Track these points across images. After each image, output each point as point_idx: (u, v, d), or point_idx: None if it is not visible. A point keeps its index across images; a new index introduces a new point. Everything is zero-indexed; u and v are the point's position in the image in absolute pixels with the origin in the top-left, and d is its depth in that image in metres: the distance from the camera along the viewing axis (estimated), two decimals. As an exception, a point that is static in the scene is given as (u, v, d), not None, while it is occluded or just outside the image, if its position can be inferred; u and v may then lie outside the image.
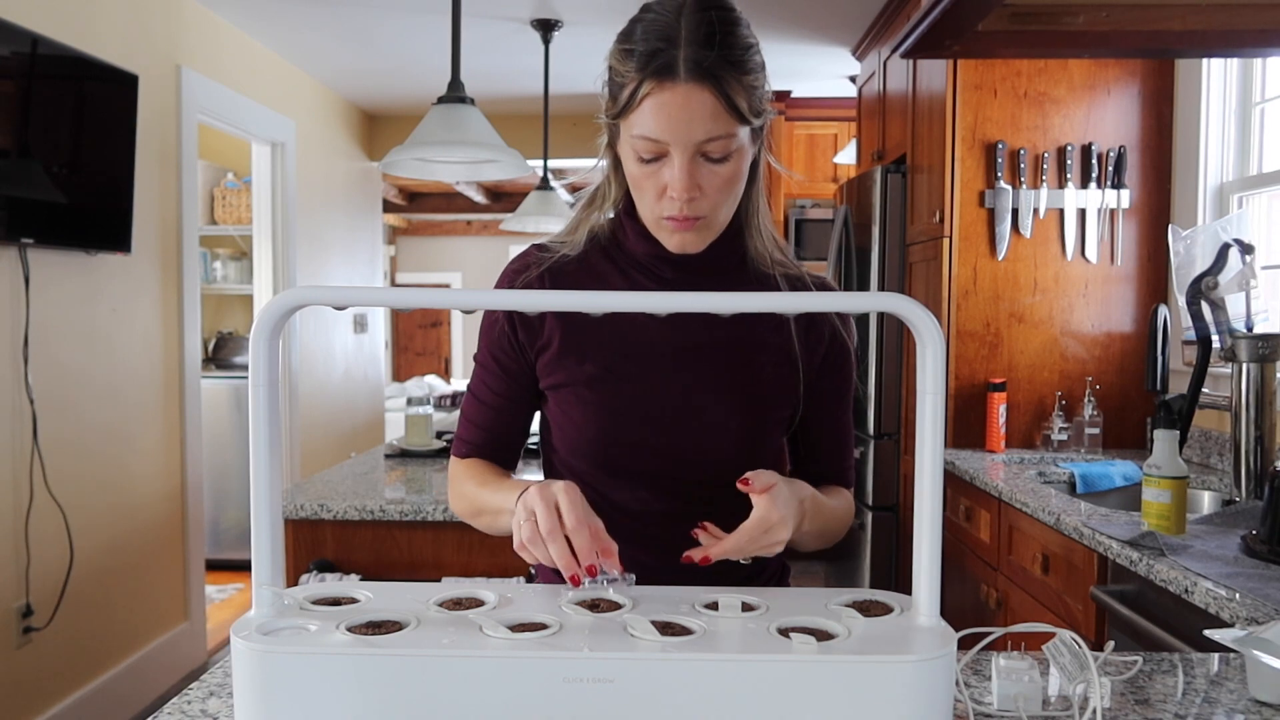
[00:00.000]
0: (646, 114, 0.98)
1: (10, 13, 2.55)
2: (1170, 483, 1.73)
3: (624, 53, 0.99)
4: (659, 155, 1.00)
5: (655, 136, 0.98)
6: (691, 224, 1.04)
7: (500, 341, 1.14)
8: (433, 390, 8.42)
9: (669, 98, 0.97)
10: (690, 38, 0.96)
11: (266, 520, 0.81)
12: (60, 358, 2.89)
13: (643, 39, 0.98)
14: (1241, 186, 2.59)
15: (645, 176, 1.02)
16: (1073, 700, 0.93)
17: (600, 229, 1.15)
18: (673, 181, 1.00)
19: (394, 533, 2.19)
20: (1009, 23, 1.69)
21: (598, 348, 1.10)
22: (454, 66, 2.44)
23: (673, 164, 0.99)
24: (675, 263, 1.10)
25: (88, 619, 3.01)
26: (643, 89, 0.97)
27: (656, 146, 0.99)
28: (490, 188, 8.68)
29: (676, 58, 0.96)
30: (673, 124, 0.97)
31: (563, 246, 1.15)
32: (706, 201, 1.02)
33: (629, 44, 0.99)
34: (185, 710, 0.92)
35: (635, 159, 1.02)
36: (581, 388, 1.10)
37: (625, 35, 1.01)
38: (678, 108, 0.97)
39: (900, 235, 3.31)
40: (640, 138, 0.99)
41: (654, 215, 1.06)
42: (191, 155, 3.59)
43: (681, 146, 0.98)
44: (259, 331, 0.78)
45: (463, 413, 1.20)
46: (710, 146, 0.99)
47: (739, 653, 0.76)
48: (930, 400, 0.80)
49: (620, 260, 1.13)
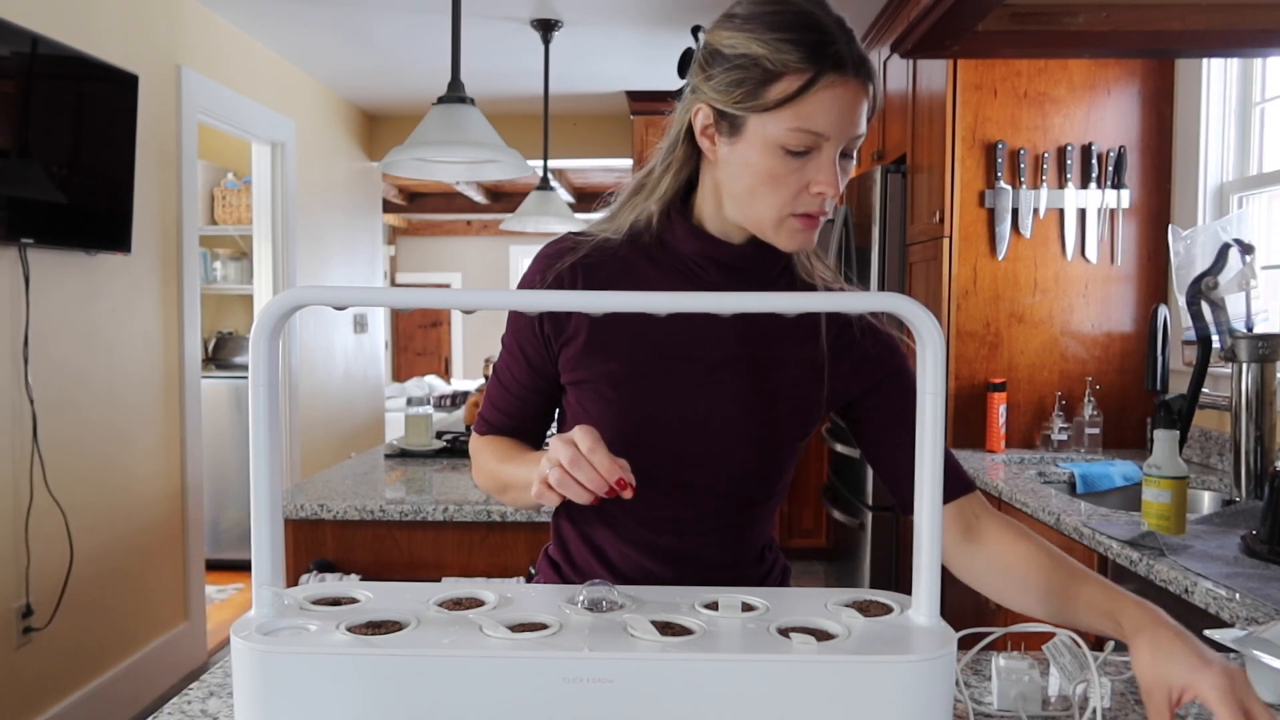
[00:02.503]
0: (814, 106, 0.95)
1: (10, 13, 2.55)
2: (1170, 483, 1.73)
3: (777, 42, 0.95)
4: (810, 149, 0.97)
5: (819, 130, 0.95)
6: (816, 222, 1.02)
7: (525, 330, 1.11)
8: (433, 390, 8.42)
9: (842, 91, 0.95)
10: (845, 36, 0.96)
11: (266, 520, 0.81)
12: (60, 358, 2.89)
13: (796, 28, 0.95)
14: (1241, 186, 2.59)
15: (788, 171, 0.98)
16: (1073, 700, 0.93)
17: (643, 223, 1.10)
18: (824, 176, 0.97)
19: (394, 533, 2.19)
20: (1009, 23, 1.69)
21: (625, 346, 1.07)
22: (454, 66, 2.44)
23: (822, 159, 0.97)
24: (722, 265, 1.07)
25: (88, 619, 3.01)
26: (819, 81, 0.94)
27: (814, 139, 0.96)
28: (490, 188, 8.68)
29: (843, 53, 0.94)
30: (840, 118, 0.95)
31: (602, 232, 1.10)
32: (834, 199, 1.00)
33: (778, 33, 0.95)
34: (185, 710, 0.92)
35: (780, 153, 0.97)
36: (604, 385, 1.07)
37: (764, 22, 0.96)
38: (849, 102, 0.95)
39: (900, 235, 3.31)
40: (799, 129, 0.95)
41: (781, 213, 1.01)
42: (191, 155, 3.58)
43: (839, 140, 0.97)
44: (259, 331, 0.78)
45: (487, 390, 1.18)
46: (853, 144, 0.99)
47: (739, 653, 0.76)
48: (930, 400, 0.80)
49: (661, 258, 1.09)
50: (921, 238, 3.11)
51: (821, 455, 4.39)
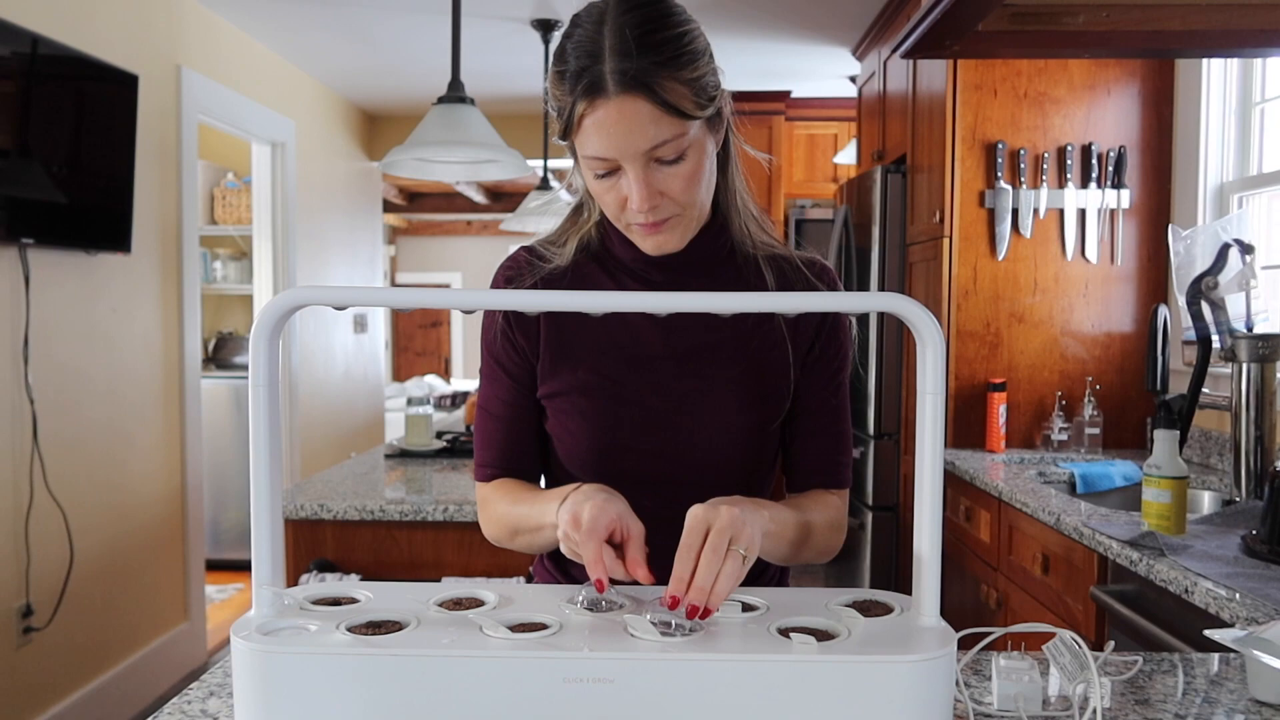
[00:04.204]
0: (588, 134, 0.96)
1: (10, 13, 2.55)
2: (1170, 483, 1.73)
3: (557, 75, 0.98)
4: (611, 170, 0.99)
5: (601, 154, 0.97)
6: (662, 225, 1.03)
7: (501, 345, 1.12)
8: (433, 390, 8.42)
9: (603, 115, 0.95)
10: (615, 48, 0.94)
11: (266, 520, 0.81)
12: (60, 358, 2.89)
13: (572, 57, 0.96)
14: (1241, 186, 2.59)
15: (605, 191, 1.01)
16: (1073, 700, 0.93)
17: (589, 238, 1.13)
18: (630, 194, 0.99)
19: (394, 533, 2.19)
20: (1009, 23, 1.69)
21: (591, 355, 1.09)
22: (454, 66, 2.44)
23: (626, 178, 0.98)
24: (661, 264, 1.09)
25: (88, 619, 3.01)
26: (577, 110, 0.96)
27: (606, 163, 0.98)
28: (490, 188, 8.68)
29: (603, 73, 0.94)
30: (614, 140, 0.95)
31: (553, 257, 1.13)
32: (672, 203, 1.01)
33: (561, 65, 0.98)
34: (185, 710, 0.92)
35: (592, 176, 1.01)
36: (577, 396, 1.09)
37: (558, 56, 0.99)
38: (614, 123, 0.95)
39: (900, 235, 3.31)
40: (589, 157, 0.98)
41: (623, 224, 1.05)
42: (191, 155, 3.58)
43: (629, 159, 0.97)
44: (259, 331, 0.78)
45: (476, 433, 1.17)
46: (660, 151, 0.97)
47: (739, 653, 0.76)
48: (930, 400, 0.80)
49: (609, 266, 1.12)
50: (921, 238, 3.11)
51: (821, 455, 4.38)
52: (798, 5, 3.59)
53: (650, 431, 1.08)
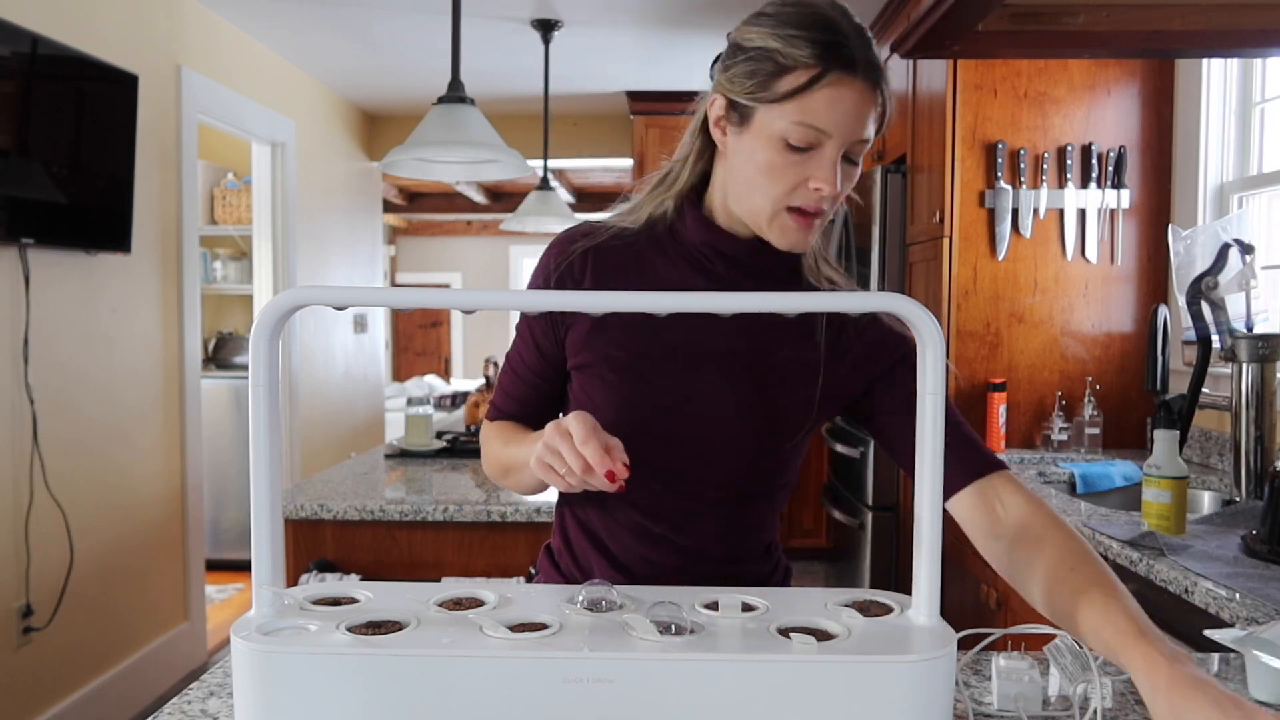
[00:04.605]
0: (819, 102, 0.96)
1: (10, 13, 2.55)
2: (1170, 483, 1.73)
3: (792, 37, 0.97)
4: (812, 145, 0.98)
5: (822, 126, 0.97)
6: (812, 221, 1.03)
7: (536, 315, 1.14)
8: (433, 390, 8.42)
9: (847, 91, 0.96)
10: (859, 39, 0.97)
11: (266, 520, 0.81)
12: (60, 358, 2.89)
13: (812, 27, 0.97)
14: (1241, 186, 2.59)
15: (788, 165, 0.99)
16: (1073, 701, 0.93)
17: (659, 213, 1.12)
18: (822, 174, 0.99)
19: (394, 533, 2.19)
20: (1009, 23, 1.69)
21: (626, 331, 1.09)
22: (454, 66, 2.43)
23: (823, 156, 0.98)
24: (728, 258, 1.09)
25: (88, 619, 3.01)
26: (826, 78, 0.96)
27: (816, 136, 0.98)
28: (490, 188, 8.67)
29: (854, 54, 0.96)
30: (844, 117, 0.97)
31: (620, 221, 1.13)
32: (834, 200, 1.02)
33: (793, 29, 0.97)
34: (185, 710, 0.92)
35: (781, 145, 0.99)
36: (605, 369, 1.09)
37: (782, 19, 0.98)
38: (853, 103, 0.97)
39: (900, 235, 3.31)
40: (801, 124, 0.97)
41: (776, 206, 1.02)
42: (191, 155, 3.58)
43: (841, 141, 0.98)
44: (259, 331, 0.78)
45: (500, 377, 1.20)
46: (857, 147, 1.00)
47: (739, 653, 0.76)
48: (930, 400, 0.80)
49: (671, 248, 1.11)
50: (921, 238, 3.11)
51: (821, 455, 4.38)
52: (798, 5, 3.59)
53: (669, 419, 1.09)
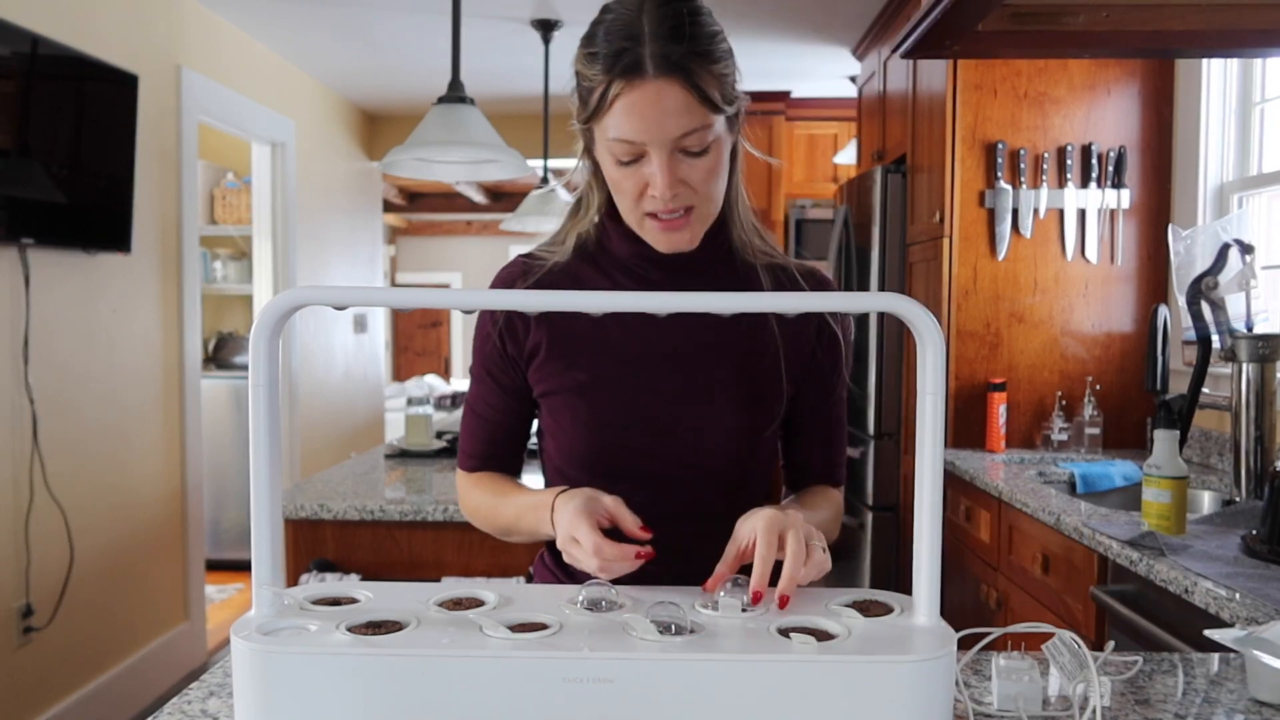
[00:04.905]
0: (619, 115, 0.96)
1: (10, 13, 2.55)
2: (1170, 483, 1.73)
3: (589, 56, 0.98)
4: (637, 156, 0.99)
5: (630, 138, 0.97)
6: (679, 223, 1.03)
7: (491, 356, 1.14)
8: (433, 390, 8.42)
9: (639, 96, 0.95)
10: (654, 32, 0.95)
11: (266, 520, 0.81)
12: (60, 358, 2.89)
13: (606, 40, 0.97)
14: (1241, 186, 2.59)
15: (625, 178, 1.01)
16: (1073, 700, 0.93)
17: (587, 236, 1.14)
18: (654, 180, 0.99)
19: (394, 533, 2.19)
20: (1009, 23, 1.69)
21: (586, 354, 1.09)
22: (454, 66, 2.43)
23: (651, 163, 0.98)
24: (660, 262, 1.09)
25: (88, 619, 3.01)
26: (612, 90, 0.96)
27: (633, 148, 0.98)
28: (490, 188, 8.68)
29: (642, 55, 0.94)
30: (646, 123, 0.96)
31: (551, 255, 1.14)
32: (692, 195, 1.01)
33: (593, 47, 0.98)
34: (185, 710, 0.92)
35: (613, 162, 1.00)
36: (571, 395, 1.10)
37: (588, 39, 0.99)
38: (649, 105, 0.95)
39: (900, 235, 3.31)
40: (616, 140, 0.98)
41: (638, 215, 1.04)
42: (191, 155, 3.58)
43: (658, 144, 0.97)
44: (259, 331, 0.78)
45: (464, 424, 1.20)
46: (687, 141, 0.97)
47: (739, 653, 0.76)
48: (930, 400, 0.80)
49: (604, 264, 1.12)
50: (921, 238, 3.11)
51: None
52: (798, 5, 3.59)
53: (644, 431, 1.09)
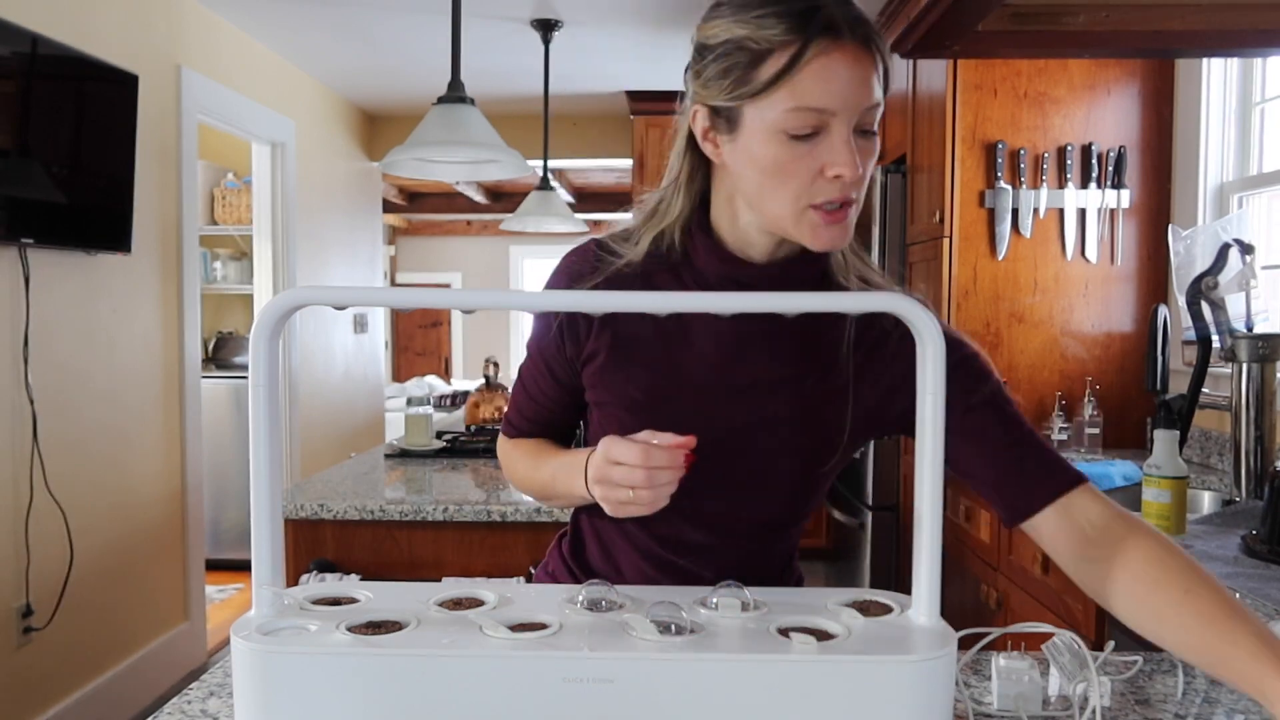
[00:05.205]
0: (810, 80, 0.85)
1: (10, 13, 2.55)
2: (1170, 483, 1.73)
3: (759, 19, 0.86)
4: (817, 129, 0.87)
5: (820, 105, 0.86)
6: (844, 214, 0.91)
7: (550, 347, 1.06)
8: (433, 390, 8.41)
9: (839, 59, 0.85)
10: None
11: (266, 520, 0.81)
12: (60, 358, 2.89)
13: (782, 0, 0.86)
14: (1241, 186, 2.59)
15: (796, 158, 0.88)
16: (1073, 700, 0.93)
17: (669, 240, 1.01)
18: (837, 157, 0.87)
19: (394, 533, 2.19)
20: (1009, 23, 1.69)
21: (644, 369, 1.01)
22: (454, 66, 2.43)
23: (833, 139, 0.87)
24: (745, 286, 0.98)
25: (88, 619, 3.01)
26: (809, 50, 0.85)
27: (818, 118, 0.86)
28: (490, 188, 8.67)
29: (836, 16, 0.85)
30: (844, 88, 0.86)
31: (624, 253, 1.02)
32: (859, 184, 0.90)
33: (758, 9, 0.87)
34: (185, 710, 0.92)
35: (782, 139, 0.88)
36: (621, 410, 1.02)
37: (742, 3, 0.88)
38: (848, 68, 0.86)
39: (900, 235, 3.31)
40: (798, 109, 0.86)
41: (799, 206, 0.91)
42: (191, 155, 3.58)
43: (848, 115, 0.87)
44: (259, 331, 0.78)
45: (513, 394, 1.13)
46: (867, 117, 0.89)
47: (739, 653, 0.76)
48: (930, 400, 0.80)
49: (686, 277, 1.01)
50: (921, 238, 3.11)
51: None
52: (798, 5, 3.59)
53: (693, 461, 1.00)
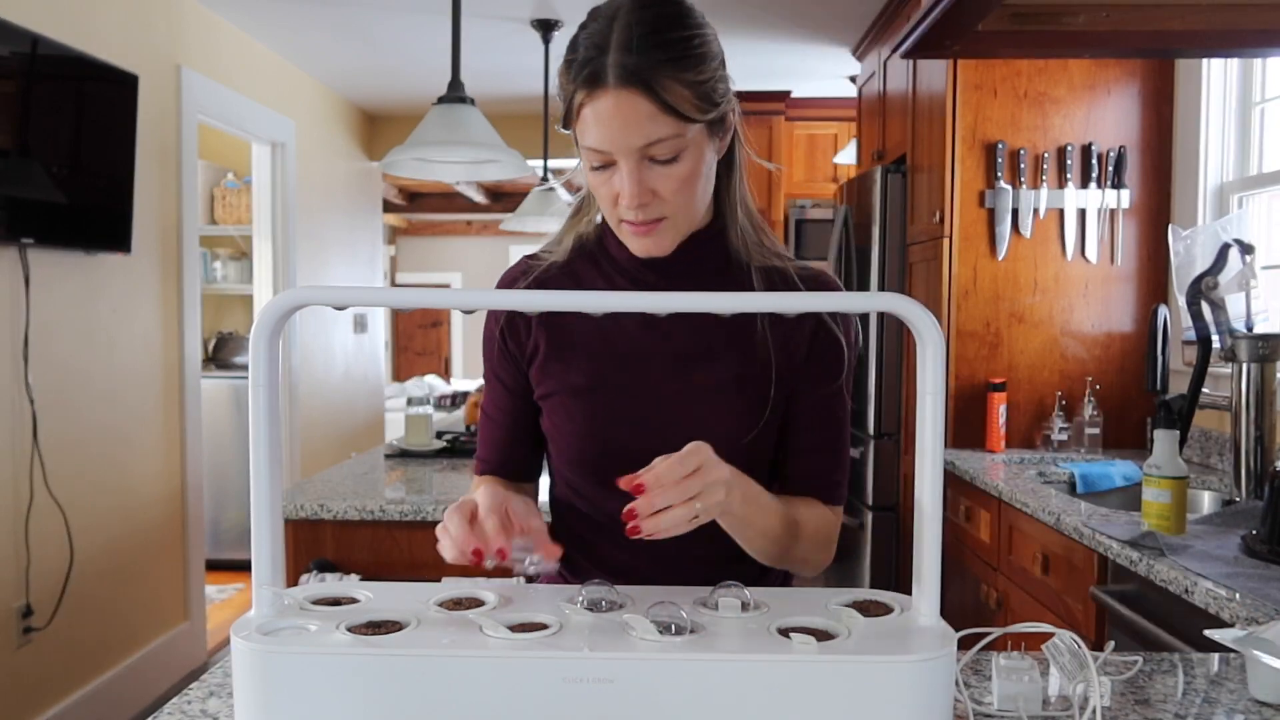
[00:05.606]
0: (587, 124, 0.97)
1: (10, 13, 2.55)
2: (1170, 483, 1.73)
3: (565, 64, 1.00)
4: (607, 163, 0.99)
5: (596, 146, 0.98)
6: (651, 228, 1.02)
7: (497, 358, 1.15)
8: (433, 390, 8.41)
9: (601, 106, 0.96)
10: (620, 42, 0.95)
11: (266, 520, 0.81)
12: (60, 358, 2.89)
13: (581, 47, 0.98)
14: (1241, 186, 2.59)
15: (599, 184, 1.02)
16: (1073, 700, 0.93)
17: (587, 236, 1.15)
18: (621, 189, 0.99)
19: (394, 533, 2.19)
20: (1009, 23, 1.69)
21: (584, 356, 1.10)
22: (454, 66, 2.43)
23: (619, 172, 0.98)
24: (657, 266, 1.08)
25: (88, 619, 3.01)
26: (577, 99, 0.97)
27: (601, 155, 0.98)
28: (490, 188, 8.68)
29: (605, 65, 0.95)
30: (608, 132, 0.96)
31: (550, 255, 1.15)
32: (664, 204, 1.01)
33: (570, 54, 0.99)
34: (185, 710, 0.92)
35: (588, 168, 1.02)
36: (567, 396, 1.10)
37: (570, 46, 1.00)
38: (609, 115, 0.96)
39: (900, 235, 3.31)
40: (586, 148, 0.99)
41: (615, 220, 1.05)
42: (191, 155, 3.58)
43: (623, 154, 0.97)
44: (259, 331, 0.78)
45: (479, 429, 1.21)
46: (655, 149, 0.97)
47: (739, 653, 0.76)
48: (930, 400, 0.80)
49: (605, 266, 1.12)
50: (921, 238, 3.11)
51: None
52: (798, 5, 3.59)
53: (639, 434, 1.08)
